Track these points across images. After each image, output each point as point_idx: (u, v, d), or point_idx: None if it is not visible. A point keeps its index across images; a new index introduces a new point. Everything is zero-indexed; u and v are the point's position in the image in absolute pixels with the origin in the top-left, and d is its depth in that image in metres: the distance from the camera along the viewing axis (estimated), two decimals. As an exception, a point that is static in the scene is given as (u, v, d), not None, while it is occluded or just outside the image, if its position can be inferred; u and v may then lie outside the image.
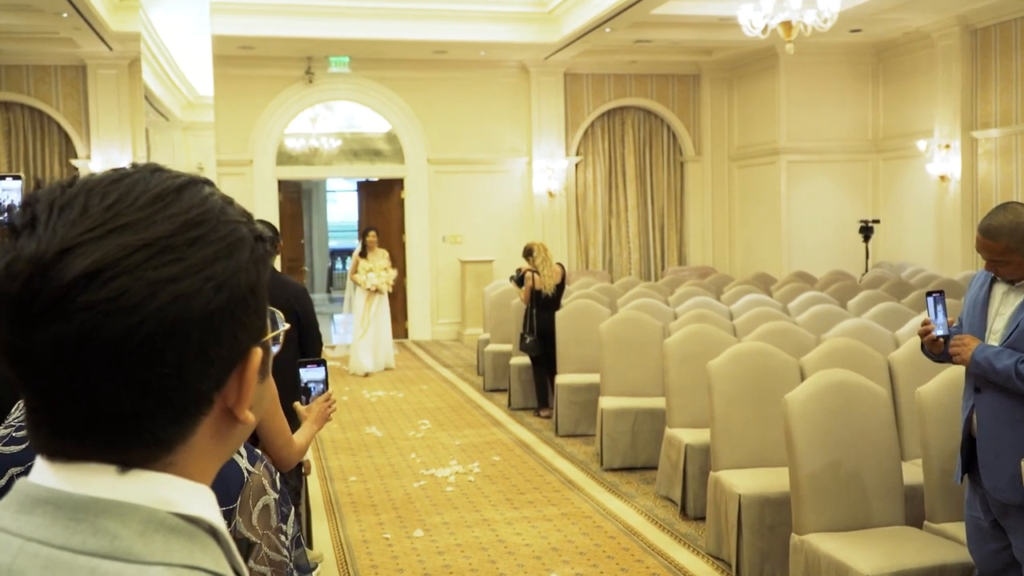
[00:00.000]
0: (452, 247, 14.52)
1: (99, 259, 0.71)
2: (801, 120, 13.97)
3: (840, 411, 4.16)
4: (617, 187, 15.19)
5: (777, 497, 4.69)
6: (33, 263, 0.72)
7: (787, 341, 6.12)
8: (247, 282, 0.78)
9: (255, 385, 0.81)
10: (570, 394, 8.09)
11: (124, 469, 0.75)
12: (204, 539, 0.76)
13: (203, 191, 0.79)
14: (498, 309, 10.56)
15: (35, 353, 0.72)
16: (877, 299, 8.48)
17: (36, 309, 0.71)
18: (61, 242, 0.72)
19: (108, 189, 0.76)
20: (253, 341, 0.80)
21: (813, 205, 14.11)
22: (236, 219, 0.79)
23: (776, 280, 11.55)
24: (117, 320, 0.71)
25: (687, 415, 6.09)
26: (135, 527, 0.73)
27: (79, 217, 0.73)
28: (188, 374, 0.75)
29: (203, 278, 0.74)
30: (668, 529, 5.66)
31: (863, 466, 4.13)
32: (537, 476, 6.90)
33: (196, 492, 0.78)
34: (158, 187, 0.77)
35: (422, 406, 9.52)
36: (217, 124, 13.73)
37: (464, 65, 14.29)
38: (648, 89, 15.21)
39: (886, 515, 4.12)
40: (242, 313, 0.78)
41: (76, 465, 0.75)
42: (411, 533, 5.68)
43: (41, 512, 0.74)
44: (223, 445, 0.82)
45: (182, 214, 0.76)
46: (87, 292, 0.71)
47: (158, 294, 0.72)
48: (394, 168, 14.49)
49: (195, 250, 0.75)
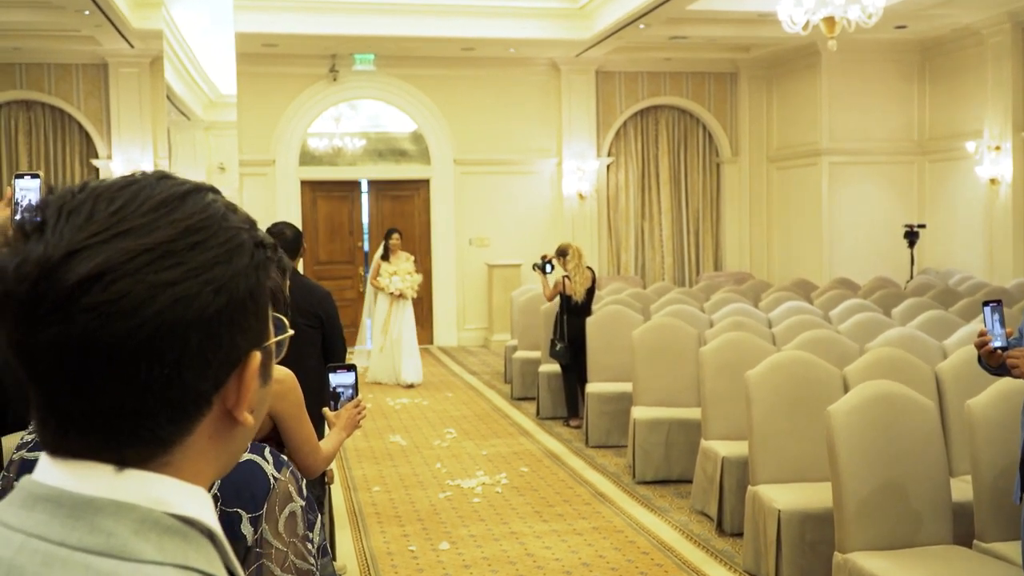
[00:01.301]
0: (479, 250, 14.55)
1: (102, 263, 0.76)
2: (844, 120, 13.88)
3: (885, 424, 4.12)
4: (650, 189, 15.15)
5: (819, 513, 4.65)
6: (40, 265, 0.77)
7: (829, 351, 6.06)
8: (246, 286, 0.82)
9: (255, 388, 0.85)
10: (601, 403, 8.07)
11: (121, 468, 0.79)
12: (198, 540, 0.80)
13: (206, 198, 0.84)
14: (526, 315, 10.56)
15: (40, 352, 0.78)
16: (923, 307, 8.40)
17: (42, 310, 0.76)
18: (67, 245, 0.77)
19: (115, 195, 0.81)
20: (253, 344, 0.84)
21: (856, 209, 14.01)
22: (237, 225, 0.84)
23: (817, 287, 11.46)
24: (118, 322, 0.76)
25: (724, 426, 6.05)
26: (130, 526, 0.77)
27: (85, 222, 0.78)
28: (187, 375, 0.79)
29: (202, 282, 0.79)
30: (704, 545, 5.62)
31: (909, 482, 4.09)
32: (567, 488, 6.89)
33: (192, 494, 0.82)
34: (162, 194, 0.81)
35: (447, 414, 9.53)
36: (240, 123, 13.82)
37: (492, 63, 14.31)
38: (683, 88, 15.17)
39: (934, 533, 4.07)
40: (241, 317, 0.82)
41: (76, 462, 0.80)
42: (437, 545, 5.69)
43: (42, 509, 0.78)
44: (222, 447, 0.86)
45: (184, 220, 0.80)
46: (90, 294, 0.76)
47: (158, 297, 0.77)
48: (420, 169, 14.54)
49: (195, 254, 0.79)
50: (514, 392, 10.25)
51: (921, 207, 13.99)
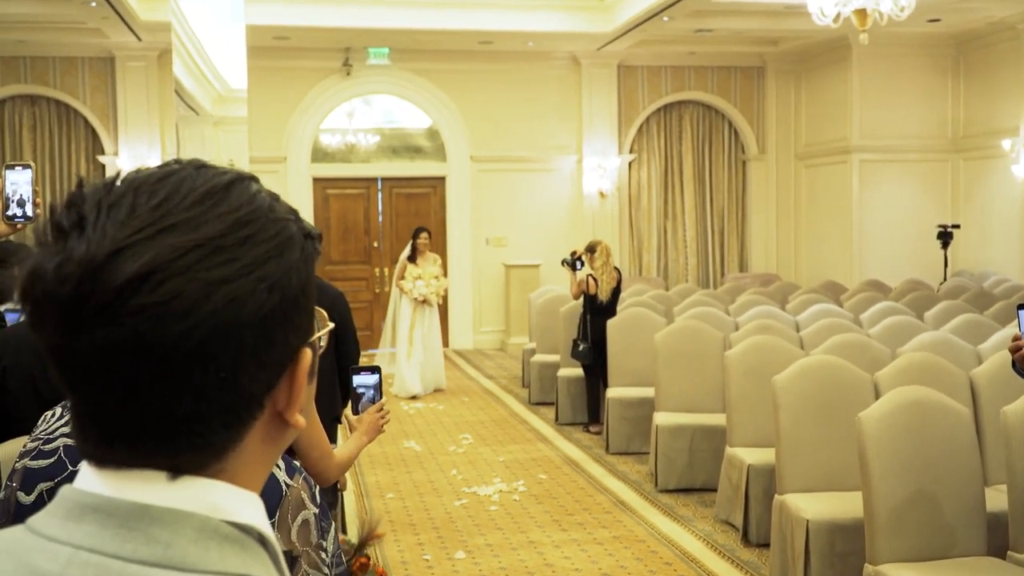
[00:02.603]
0: (496, 250, 14.56)
1: (150, 261, 0.74)
2: (875, 116, 13.82)
3: (918, 431, 4.11)
4: (674, 187, 15.13)
5: (848, 523, 4.65)
6: (84, 265, 0.74)
7: (859, 355, 6.05)
8: (298, 281, 0.81)
9: (305, 387, 0.84)
10: (622, 409, 8.07)
11: (175, 476, 0.77)
12: (255, 548, 0.78)
13: (251, 188, 0.82)
14: (545, 317, 10.56)
15: (84, 357, 0.75)
16: (957, 310, 8.38)
17: (87, 312, 0.74)
18: (111, 243, 0.75)
19: (155, 187, 0.78)
20: (303, 341, 0.83)
21: (887, 208, 13.95)
22: (284, 216, 0.82)
23: (846, 289, 11.44)
24: (170, 324, 0.74)
25: (749, 433, 6.04)
26: (188, 535, 0.75)
27: (128, 217, 0.76)
28: (241, 377, 0.77)
29: (256, 279, 0.77)
30: (729, 556, 5.62)
31: (943, 491, 4.08)
32: (587, 496, 6.89)
33: (247, 499, 0.80)
34: (205, 185, 0.79)
35: (463, 419, 9.55)
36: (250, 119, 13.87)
37: (510, 56, 14.33)
38: (708, 82, 15.15)
39: (967, 544, 4.06)
40: (294, 313, 0.80)
41: (125, 472, 0.77)
42: (452, 555, 5.70)
43: (91, 520, 0.76)
44: (273, 450, 0.84)
45: (231, 212, 0.78)
46: (139, 295, 0.73)
47: (212, 296, 0.75)
48: (435, 166, 14.57)
49: (246, 250, 0.77)
50: (532, 397, 10.26)
51: (955, 206, 13.92)
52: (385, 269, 14.34)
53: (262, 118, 13.68)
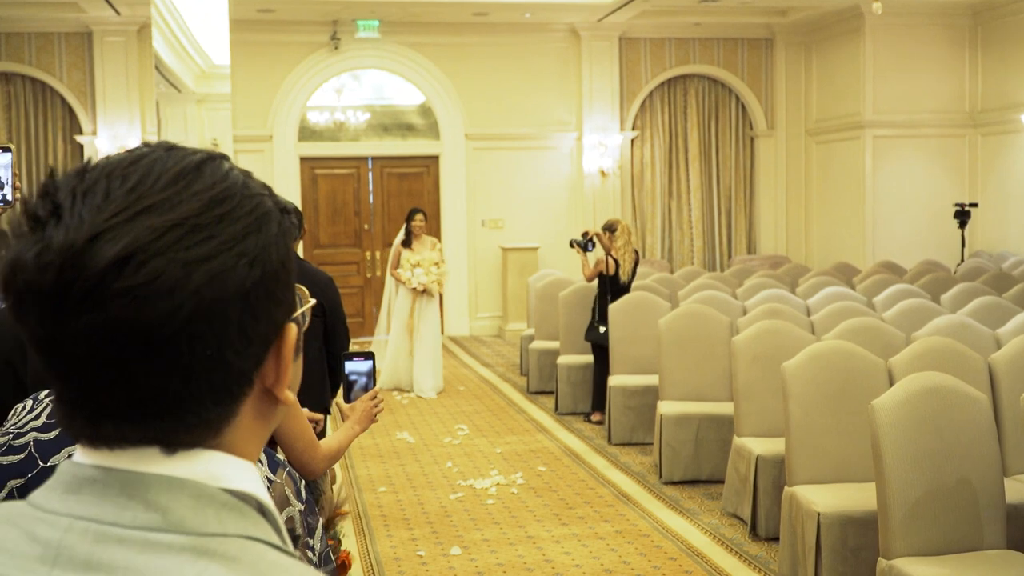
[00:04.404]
0: (492, 232, 14.55)
1: (129, 243, 0.78)
2: (889, 90, 13.79)
3: (934, 420, 4.11)
4: (678, 166, 15.11)
5: (861, 516, 4.65)
6: (63, 252, 0.78)
7: (873, 340, 6.05)
8: (278, 256, 0.85)
9: (292, 362, 0.88)
10: (625, 398, 8.07)
11: (171, 451, 0.82)
12: (253, 515, 0.82)
13: (223, 166, 0.86)
14: (544, 302, 10.55)
15: (70, 344, 0.79)
16: (975, 293, 8.38)
17: (70, 299, 0.77)
18: (89, 228, 0.78)
19: (127, 171, 0.82)
20: (287, 317, 0.87)
21: (901, 186, 13.94)
22: (259, 192, 0.86)
23: (859, 271, 11.44)
24: (154, 304, 0.77)
25: (758, 422, 6.04)
26: (186, 501, 0.79)
27: (103, 202, 0.80)
28: (229, 354, 0.81)
29: (236, 254, 0.81)
30: (736, 551, 5.63)
31: (960, 482, 4.07)
32: (588, 489, 6.90)
33: (244, 468, 0.85)
34: (176, 165, 0.83)
35: (459, 409, 9.55)
36: (234, 96, 13.85)
37: (507, 29, 14.29)
38: (714, 55, 15.10)
39: (986, 537, 4.06)
40: (275, 288, 0.85)
41: (119, 450, 0.81)
42: (447, 551, 5.71)
43: (88, 491, 0.80)
44: (265, 426, 0.90)
45: (206, 191, 0.82)
46: (121, 278, 0.77)
47: (193, 274, 0.78)
48: (428, 144, 14.54)
49: (224, 227, 0.81)
50: (531, 385, 10.26)
51: (972, 184, 13.91)
52: (376, 253, 14.33)
53: (246, 95, 13.65)
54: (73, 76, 13.54)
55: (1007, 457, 4.90)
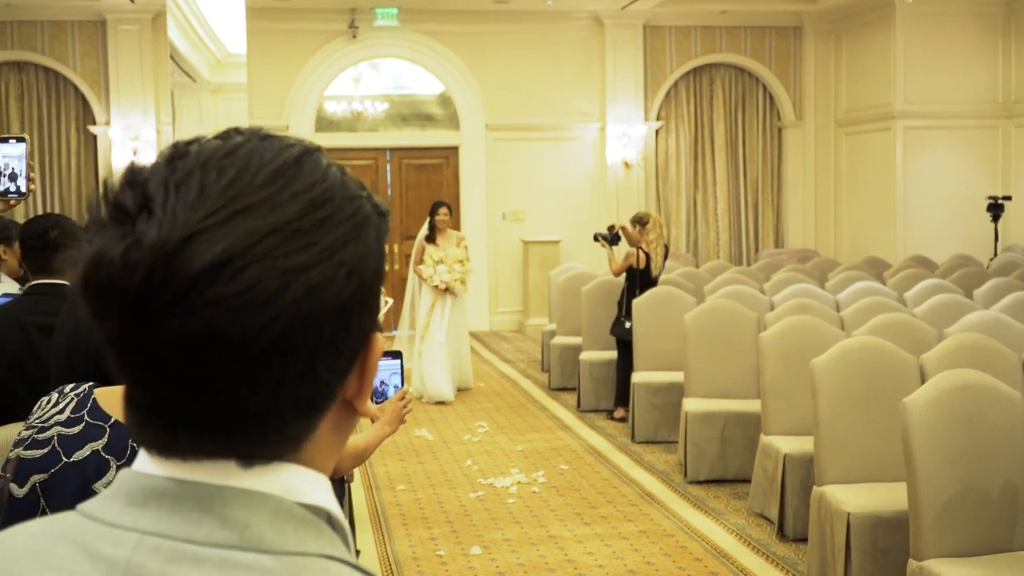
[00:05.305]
0: (513, 225, 14.56)
1: (227, 247, 0.74)
2: (920, 80, 13.72)
3: (967, 418, 4.09)
4: (704, 157, 15.07)
5: (892, 517, 4.64)
6: (155, 252, 0.73)
7: (904, 336, 6.03)
8: (375, 265, 0.82)
9: (374, 373, 0.85)
10: (649, 395, 8.06)
11: (248, 464, 0.78)
12: (328, 531, 0.80)
13: (321, 162, 0.82)
14: (566, 296, 10.55)
15: (153, 349, 0.75)
16: (1009, 288, 8.34)
17: (158, 303, 0.73)
18: (184, 228, 0.74)
19: (223, 164, 0.78)
20: (374, 325, 0.84)
21: (933, 179, 13.86)
22: (358, 193, 0.83)
23: (890, 265, 11.40)
24: (249, 315, 0.74)
25: (786, 420, 6.03)
26: (265, 517, 0.76)
27: (198, 198, 0.75)
28: (319, 368, 0.79)
29: (336, 264, 0.77)
30: (763, 552, 5.62)
31: (994, 482, 4.06)
32: (611, 488, 6.90)
33: (318, 481, 0.82)
34: (275, 160, 0.79)
35: (479, 406, 9.57)
36: (250, 85, 13.92)
37: (528, 17, 14.28)
38: (741, 44, 15.05)
39: (1020, 538, 4.05)
40: (369, 298, 0.82)
41: (193, 462, 0.78)
42: (467, 550, 5.72)
43: (157, 504, 0.76)
44: (341, 438, 0.87)
45: (307, 191, 0.78)
46: (216, 284, 0.73)
47: (291, 284, 0.75)
48: (448, 135, 14.55)
49: (324, 232, 0.77)
50: (552, 382, 10.26)
51: (1006, 177, 13.82)
52: (395, 246, 14.35)
53: (263, 85, 13.70)
54: (87, 65, 13.61)
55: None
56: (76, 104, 13.69)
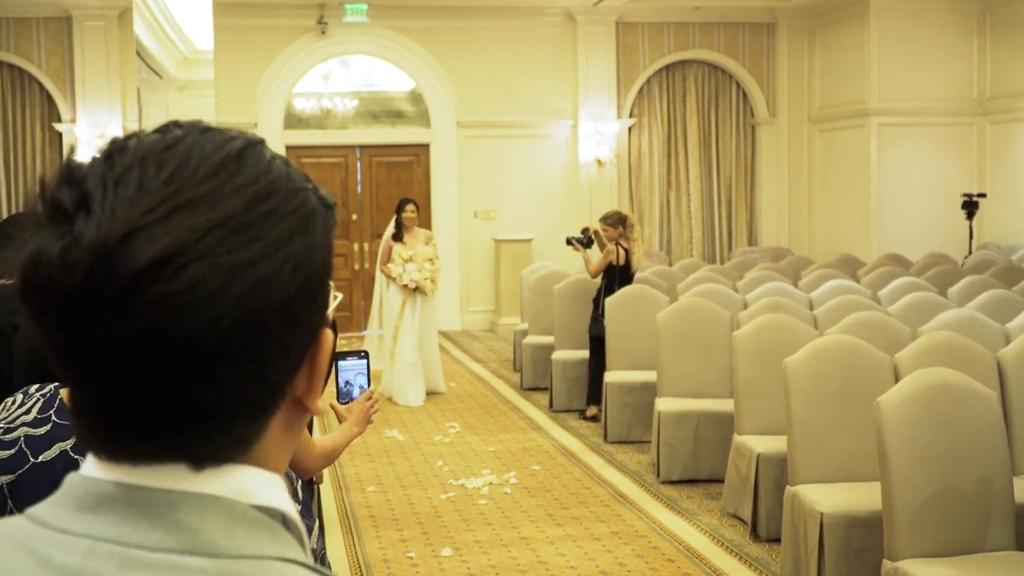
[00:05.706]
0: (485, 223, 14.54)
1: (169, 244, 0.72)
2: (895, 76, 13.78)
3: (941, 417, 4.10)
4: (677, 154, 15.10)
5: (866, 516, 4.64)
6: (94, 251, 0.72)
7: (878, 335, 6.05)
8: (322, 258, 0.80)
9: (324, 371, 0.84)
10: (622, 394, 8.06)
11: (199, 467, 0.77)
12: (283, 533, 0.78)
13: (264, 154, 0.80)
14: (538, 295, 10.54)
15: (95, 351, 0.73)
16: (983, 286, 8.38)
17: (99, 303, 0.72)
18: (123, 225, 0.72)
19: (162, 157, 0.76)
20: (323, 321, 0.83)
21: (908, 176, 13.94)
22: (303, 186, 0.81)
23: (864, 263, 11.45)
24: (192, 313, 0.72)
25: (759, 420, 6.04)
26: (217, 521, 0.75)
27: (137, 194, 0.74)
28: (267, 367, 0.77)
29: (281, 259, 0.76)
30: (736, 552, 5.63)
31: (968, 481, 4.07)
32: (583, 488, 6.89)
33: (271, 482, 0.81)
34: (216, 153, 0.77)
35: (450, 406, 9.54)
36: (217, 82, 13.83)
37: (500, 13, 14.26)
38: (714, 40, 15.09)
39: (994, 539, 4.06)
40: (317, 292, 0.80)
41: (143, 467, 0.77)
42: (438, 552, 5.70)
43: (108, 510, 0.75)
44: (293, 437, 0.85)
45: (250, 185, 0.77)
46: (158, 282, 0.72)
47: (236, 281, 0.73)
48: (418, 132, 14.52)
49: (269, 227, 0.76)
50: (524, 382, 10.25)
51: (981, 174, 13.92)
52: (365, 244, 14.31)
53: (230, 81, 13.63)
54: (52, 62, 13.49)
55: (1016, 456, 4.89)
56: (41, 101, 13.56)
